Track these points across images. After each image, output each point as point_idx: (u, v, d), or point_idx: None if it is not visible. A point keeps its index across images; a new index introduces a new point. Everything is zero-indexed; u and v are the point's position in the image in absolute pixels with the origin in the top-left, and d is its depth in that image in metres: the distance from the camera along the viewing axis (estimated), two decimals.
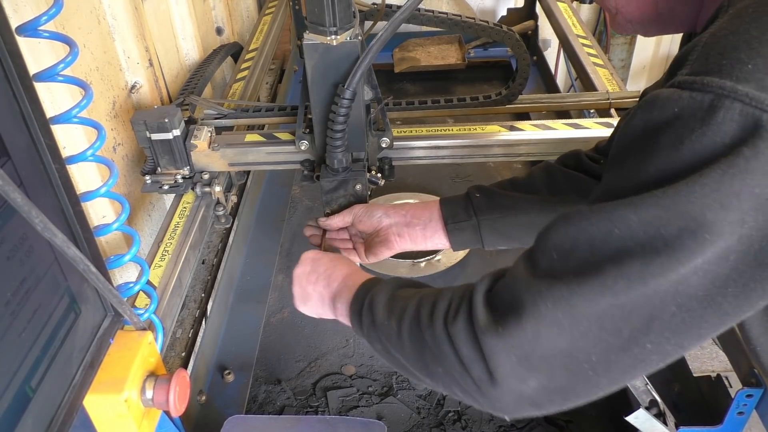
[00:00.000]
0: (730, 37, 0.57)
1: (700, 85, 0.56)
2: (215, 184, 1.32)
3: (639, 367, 0.61)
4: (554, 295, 0.60)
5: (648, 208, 0.57)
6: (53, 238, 0.59)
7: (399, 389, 1.23)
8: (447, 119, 1.85)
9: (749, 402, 1.06)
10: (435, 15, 1.49)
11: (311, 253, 1.03)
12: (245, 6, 2.42)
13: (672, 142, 0.57)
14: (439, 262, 1.47)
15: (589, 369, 0.61)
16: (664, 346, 0.59)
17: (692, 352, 0.81)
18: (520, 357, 0.62)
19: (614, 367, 0.61)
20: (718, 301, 0.57)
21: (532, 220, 1.08)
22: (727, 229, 0.54)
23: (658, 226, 0.56)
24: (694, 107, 0.56)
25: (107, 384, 0.78)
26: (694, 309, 0.57)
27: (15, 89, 0.60)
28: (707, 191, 0.54)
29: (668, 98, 0.58)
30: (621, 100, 1.59)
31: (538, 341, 0.61)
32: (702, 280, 0.56)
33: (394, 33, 0.97)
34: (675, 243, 0.55)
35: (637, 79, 3.56)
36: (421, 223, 1.11)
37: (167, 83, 1.61)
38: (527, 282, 0.63)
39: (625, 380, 0.63)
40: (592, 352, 0.60)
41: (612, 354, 0.60)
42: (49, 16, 0.77)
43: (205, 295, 1.31)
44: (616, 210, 0.59)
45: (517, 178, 1.14)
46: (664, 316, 0.58)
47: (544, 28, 2.45)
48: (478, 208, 1.09)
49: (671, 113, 0.58)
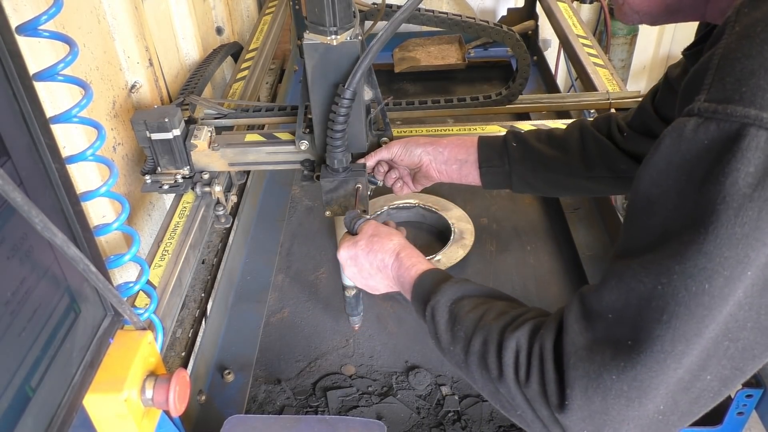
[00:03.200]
0: (744, 61, 0.57)
1: (724, 115, 0.56)
2: (215, 183, 1.32)
3: (703, 396, 0.63)
4: (617, 368, 0.61)
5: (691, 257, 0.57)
6: (53, 238, 0.59)
7: (399, 389, 1.23)
8: (447, 119, 1.85)
9: (749, 402, 1.06)
10: (435, 15, 1.49)
11: (350, 243, 1.01)
12: (245, 6, 2.42)
13: (704, 177, 0.57)
14: (438, 262, 1.47)
15: (659, 415, 0.62)
16: (723, 373, 0.61)
17: None
18: (593, 429, 0.64)
19: (680, 405, 0.62)
20: (767, 325, 0.59)
21: (559, 179, 1.17)
22: (764, 260, 0.55)
23: (703, 279, 0.56)
24: (723, 138, 0.56)
25: (107, 383, 0.78)
26: (745, 338, 0.60)
27: (15, 89, 0.60)
28: (747, 230, 0.54)
29: (694, 130, 0.58)
30: (621, 100, 1.59)
31: (608, 414, 0.62)
32: (749, 312, 0.58)
33: (394, 33, 0.98)
34: (723, 292, 0.56)
35: (637, 80, 3.57)
36: (458, 163, 1.20)
37: (167, 83, 1.61)
38: (588, 351, 0.64)
39: (695, 412, 0.64)
40: (659, 404, 0.62)
41: (677, 396, 0.62)
42: (49, 16, 0.77)
43: (205, 294, 1.31)
44: (664, 262, 0.59)
45: (555, 133, 1.19)
46: (719, 353, 0.60)
47: (545, 28, 2.45)
48: (512, 158, 1.16)
49: (701, 146, 0.58)
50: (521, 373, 0.69)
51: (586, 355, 0.64)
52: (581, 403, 0.63)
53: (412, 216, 1.67)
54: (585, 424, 0.64)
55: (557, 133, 1.19)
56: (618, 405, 0.61)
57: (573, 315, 0.67)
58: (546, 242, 1.58)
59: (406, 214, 1.67)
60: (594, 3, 3.06)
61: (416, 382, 1.24)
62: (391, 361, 1.29)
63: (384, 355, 1.30)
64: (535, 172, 1.16)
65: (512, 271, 1.50)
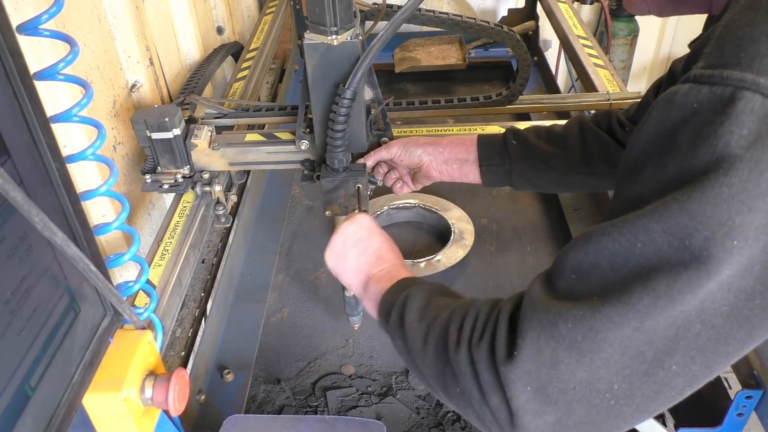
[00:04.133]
0: (746, 29, 0.55)
1: (719, 79, 0.54)
2: (215, 183, 1.32)
3: (664, 392, 0.58)
4: (574, 316, 0.57)
5: (672, 215, 0.54)
6: (53, 237, 0.59)
7: (398, 389, 1.23)
8: (447, 119, 1.85)
9: (748, 403, 1.06)
10: (436, 15, 1.49)
11: (369, 220, 1.01)
12: (246, 5, 2.42)
13: (692, 138, 0.55)
14: (438, 262, 1.47)
15: (611, 398, 0.58)
16: (690, 367, 0.56)
17: None
18: (536, 387, 0.59)
19: (638, 393, 0.57)
20: (745, 315, 0.54)
21: (559, 176, 1.16)
22: (753, 234, 0.52)
23: (684, 236, 0.53)
24: (713, 101, 0.54)
25: (106, 383, 0.78)
26: (719, 326, 0.55)
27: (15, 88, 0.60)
28: (734, 191, 0.52)
29: (686, 94, 0.56)
30: (621, 101, 1.59)
31: (556, 368, 0.58)
32: (727, 294, 0.53)
33: (394, 33, 0.97)
34: (702, 254, 0.52)
35: (638, 80, 3.56)
36: (458, 162, 1.19)
37: (167, 82, 1.61)
38: (545, 304, 0.60)
39: (651, 409, 0.59)
40: (613, 380, 0.57)
41: (635, 380, 0.57)
42: (49, 15, 0.77)
43: (204, 294, 1.31)
44: (638, 221, 0.55)
45: (554, 129, 1.18)
46: (688, 336, 0.55)
47: (545, 28, 2.45)
48: (512, 156, 1.16)
49: (690, 109, 0.56)
50: (475, 336, 0.66)
51: (542, 306, 0.60)
52: (529, 354, 0.58)
53: (412, 216, 1.67)
54: (530, 379, 0.59)
55: (556, 129, 1.19)
56: (569, 359, 0.57)
57: (536, 280, 0.65)
58: (546, 242, 1.58)
59: (406, 214, 1.67)
60: (594, 3, 3.06)
61: (416, 382, 1.24)
62: (391, 361, 1.29)
63: (384, 355, 1.30)
64: (535, 170, 1.16)
65: (512, 271, 1.50)
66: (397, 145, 1.21)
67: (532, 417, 0.60)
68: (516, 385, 0.60)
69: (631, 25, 3.18)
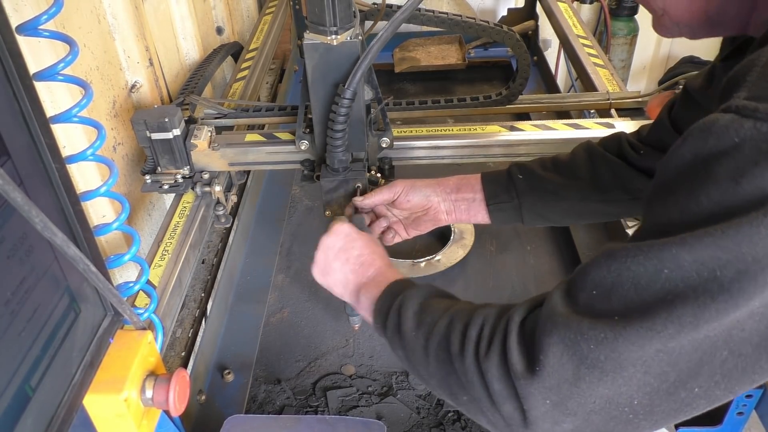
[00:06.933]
0: None
1: (764, 114, 0.52)
2: (215, 183, 1.32)
3: (684, 410, 0.58)
4: (596, 338, 0.56)
5: (704, 248, 0.53)
6: (53, 238, 0.59)
7: (399, 389, 1.23)
8: (447, 119, 1.84)
9: (749, 402, 1.06)
10: (435, 15, 1.49)
11: (346, 227, 0.99)
12: (245, 6, 2.42)
13: (730, 174, 0.53)
14: (438, 262, 1.47)
15: (630, 413, 0.58)
16: (713, 391, 0.56)
17: None
18: (556, 402, 0.59)
19: (657, 410, 0.58)
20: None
21: (572, 206, 1.10)
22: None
23: (715, 268, 0.52)
24: (757, 138, 0.52)
25: (107, 383, 0.78)
26: (747, 354, 0.54)
27: (15, 88, 0.60)
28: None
29: (726, 126, 0.54)
30: (621, 101, 1.59)
31: (578, 385, 0.57)
32: (758, 324, 0.53)
33: (394, 33, 0.97)
34: (732, 287, 0.52)
35: (638, 80, 3.57)
36: (465, 202, 1.14)
37: (167, 83, 1.61)
38: (566, 317, 0.60)
39: (668, 423, 0.60)
40: (634, 396, 0.57)
41: (656, 398, 0.57)
42: (49, 16, 0.77)
43: (204, 294, 1.31)
44: (666, 248, 0.55)
45: (560, 158, 1.13)
46: (714, 361, 0.55)
47: (545, 28, 2.45)
48: (520, 191, 1.11)
49: (730, 143, 0.54)
50: (482, 346, 0.65)
51: (562, 320, 0.59)
52: (552, 370, 0.58)
53: None
54: (550, 394, 0.59)
55: (563, 158, 1.13)
56: (590, 377, 0.57)
57: (556, 292, 0.64)
58: (546, 242, 1.57)
59: None
60: (594, 3, 3.06)
61: (416, 382, 1.24)
62: (391, 361, 1.29)
63: (384, 354, 1.30)
64: (545, 202, 1.10)
65: (512, 271, 1.50)
66: (401, 184, 1.13)
67: (550, 425, 0.60)
68: (535, 398, 0.60)
69: (630, 24, 3.19)
